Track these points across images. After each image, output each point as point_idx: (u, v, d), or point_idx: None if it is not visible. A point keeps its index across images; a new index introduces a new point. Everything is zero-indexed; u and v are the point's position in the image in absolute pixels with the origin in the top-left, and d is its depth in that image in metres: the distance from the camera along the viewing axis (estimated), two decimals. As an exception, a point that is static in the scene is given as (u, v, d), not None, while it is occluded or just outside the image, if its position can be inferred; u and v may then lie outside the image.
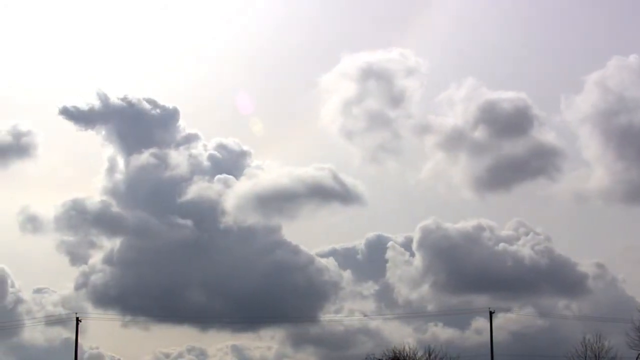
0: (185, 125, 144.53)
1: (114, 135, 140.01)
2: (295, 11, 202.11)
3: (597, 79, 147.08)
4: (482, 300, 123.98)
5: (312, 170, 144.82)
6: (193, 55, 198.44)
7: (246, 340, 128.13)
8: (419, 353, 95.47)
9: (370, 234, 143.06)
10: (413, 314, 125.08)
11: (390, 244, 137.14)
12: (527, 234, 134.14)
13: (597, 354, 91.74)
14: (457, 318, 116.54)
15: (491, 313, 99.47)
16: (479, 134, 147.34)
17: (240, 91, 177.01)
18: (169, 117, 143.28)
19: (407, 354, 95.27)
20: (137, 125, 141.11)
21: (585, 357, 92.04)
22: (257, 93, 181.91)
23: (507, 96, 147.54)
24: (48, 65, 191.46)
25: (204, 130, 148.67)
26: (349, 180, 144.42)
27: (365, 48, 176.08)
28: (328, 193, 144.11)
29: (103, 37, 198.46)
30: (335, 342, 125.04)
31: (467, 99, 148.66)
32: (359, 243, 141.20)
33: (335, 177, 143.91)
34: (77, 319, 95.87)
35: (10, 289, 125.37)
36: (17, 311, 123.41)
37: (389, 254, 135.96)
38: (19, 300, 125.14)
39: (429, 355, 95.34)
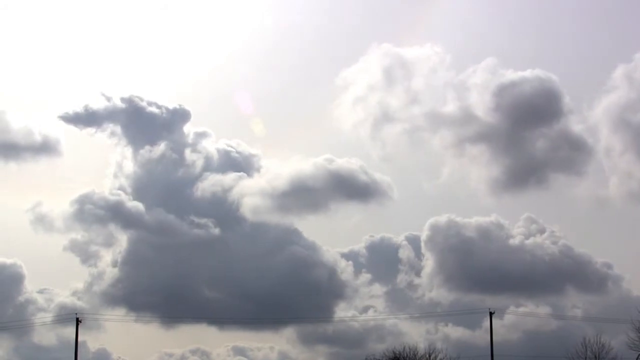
0: (194, 125, 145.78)
1: (123, 135, 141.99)
2: (304, 11, 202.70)
3: (624, 72, 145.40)
4: (494, 300, 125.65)
5: (327, 167, 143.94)
6: (200, 55, 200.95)
7: (253, 340, 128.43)
8: (419, 353, 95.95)
9: (383, 233, 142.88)
10: (414, 314, 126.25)
11: (403, 242, 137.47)
12: (542, 232, 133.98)
13: (597, 355, 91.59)
14: (468, 317, 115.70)
15: (491, 313, 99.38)
16: (499, 128, 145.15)
17: (241, 91, 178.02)
18: (178, 117, 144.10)
19: (407, 354, 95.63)
20: (146, 125, 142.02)
21: (586, 357, 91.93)
22: (271, 92, 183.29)
23: (529, 86, 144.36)
24: (60, 66, 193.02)
25: (213, 130, 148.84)
26: (365, 177, 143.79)
27: (386, 41, 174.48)
28: (343, 190, 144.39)
29: (108, 40, 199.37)
30: (344, 341, 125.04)
31: (485, 88, 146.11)
32: (372, 241, 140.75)
33: (352, 175, 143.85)
34: (77, 319, 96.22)
35: (21, 287, 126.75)
36: (26, 309, 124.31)
37: (402, 252, 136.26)
38: (27, 298, 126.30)
39: (429, 355, 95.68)
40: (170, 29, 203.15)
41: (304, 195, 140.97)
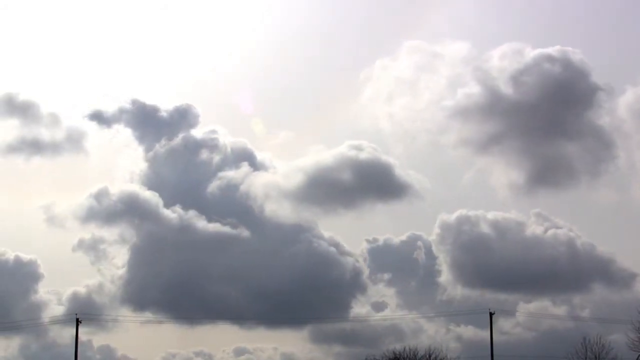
0: (203, 124, 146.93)
1: (132, 135, 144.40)
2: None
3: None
4: (508, 299, 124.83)
5: (345, 163, 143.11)
6: (209, 53, 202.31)
7: (262, 339, 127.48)
8: (419, 353, 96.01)
9: (399, 230, 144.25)
10: (419, 314, 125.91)
11: (418, 242, 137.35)
12: (557, 230, 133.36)
13: (597, 355, 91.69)
14: (480, 317, 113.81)
15: (491, 314, 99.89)
16: (522, 125, 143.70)
17: (244, 90, 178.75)
18: (187, 116, 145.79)
19: (407, 354, 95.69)
20: (156, 125, 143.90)
21: (586, 357, 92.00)
22: (287, 89, 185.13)
23: (556, 80, 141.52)
24: (69, 68, 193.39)
25: (223, 128, 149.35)
26: (386, 174, 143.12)
27: (410, 37, 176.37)
28: (363, 187, 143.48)
29: (111, 42, 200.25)
30: (353, 340, 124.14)
31: (510, 85, 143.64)
32: (386, 239, 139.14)
33: (372, 171, 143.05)
34: (77, 319, 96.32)
35: (34, 284, 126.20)
36: (37, 306, 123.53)
37: (417, 252, 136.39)
38: (37, 295, 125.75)
39: (429, 356, 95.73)
40: (174, 28, 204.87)
41: (319, 191, 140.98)
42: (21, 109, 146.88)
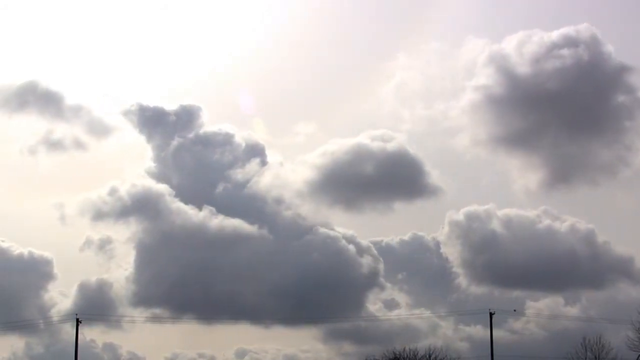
0: (212, 122, 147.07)
1: (141, 135, 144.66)
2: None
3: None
4: (519, 296, 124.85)
5: (361, 159, 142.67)
6: (211, 53, 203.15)
7: (270, 338, 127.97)
8: (419, 354, 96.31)
9: (408, 231, 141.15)
10: (416, 314, 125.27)
11: (429, 243, 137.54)
12: (572, 226, 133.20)
13: (597, 355, 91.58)
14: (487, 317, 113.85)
15: (491, 314, 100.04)
16: (542, 124, 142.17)
17: (244, 90, 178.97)
18: (195, 114, 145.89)
19: (407, 355, 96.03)
20: (165, 124, 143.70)
21: (586, 357, 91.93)
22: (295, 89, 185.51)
23: (580, 74, 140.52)
24: (78, 67, 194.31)
25: (232, 125, 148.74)
26: (403, 171, 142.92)
27: (427, 35, 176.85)
28: (378, 184, 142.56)
29: (112, 43, 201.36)
30: (359, 339, 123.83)
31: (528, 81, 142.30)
32: (397, 238, 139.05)
33: (387, 168, 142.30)
34: (77, 319, 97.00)
35: (43, 283, 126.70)
36: (46, 304, 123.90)
37: (425, 253, 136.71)
38: (45, 293, 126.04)
39: (429, 356, 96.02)
40: (174, 28, 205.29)
41: (332, 188, 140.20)
42: (31, 108, 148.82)
